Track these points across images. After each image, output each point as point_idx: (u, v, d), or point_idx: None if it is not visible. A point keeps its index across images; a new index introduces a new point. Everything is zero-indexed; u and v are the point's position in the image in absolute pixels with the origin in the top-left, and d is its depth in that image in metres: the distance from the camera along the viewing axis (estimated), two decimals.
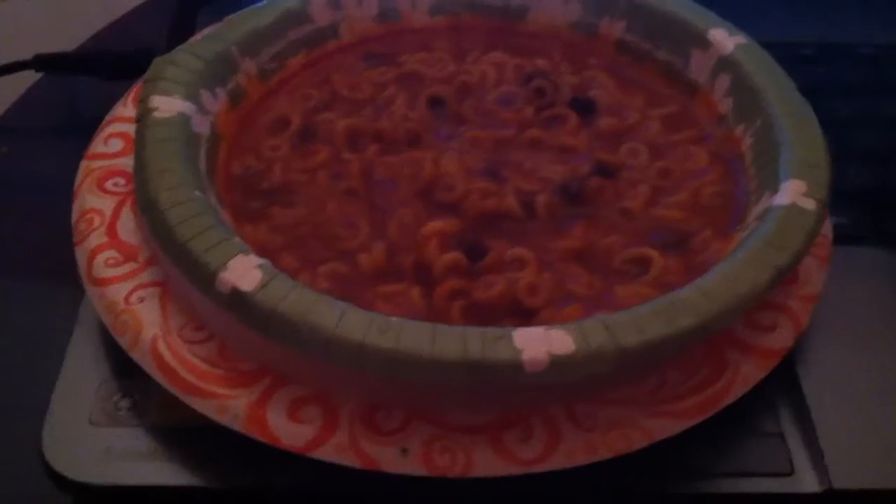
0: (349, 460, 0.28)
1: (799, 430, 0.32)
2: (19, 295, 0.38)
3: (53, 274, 0.36)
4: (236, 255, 0.29)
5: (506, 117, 0.37)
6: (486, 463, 0.28)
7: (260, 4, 0.39)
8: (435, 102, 0.37)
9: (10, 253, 0.39)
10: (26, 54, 0.45)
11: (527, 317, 0.31)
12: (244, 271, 0.29)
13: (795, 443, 0.31)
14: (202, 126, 0.35)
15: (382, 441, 0.28)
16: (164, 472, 0.30)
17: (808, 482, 0.31)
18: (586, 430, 0.29)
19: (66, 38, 0.47)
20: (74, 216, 0.34)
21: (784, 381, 0.33)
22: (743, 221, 0.33)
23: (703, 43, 0.37)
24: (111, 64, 0.44)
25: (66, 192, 0.35)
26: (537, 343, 0.27)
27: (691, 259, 0.32)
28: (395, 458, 0.28)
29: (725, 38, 0.37)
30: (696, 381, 0.30)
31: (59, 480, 0.30)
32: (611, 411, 0.29)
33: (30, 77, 0.46)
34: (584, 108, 0.37)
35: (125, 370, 0.32)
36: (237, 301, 0.29)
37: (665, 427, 0.29)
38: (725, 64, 0.36)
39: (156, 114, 0.34)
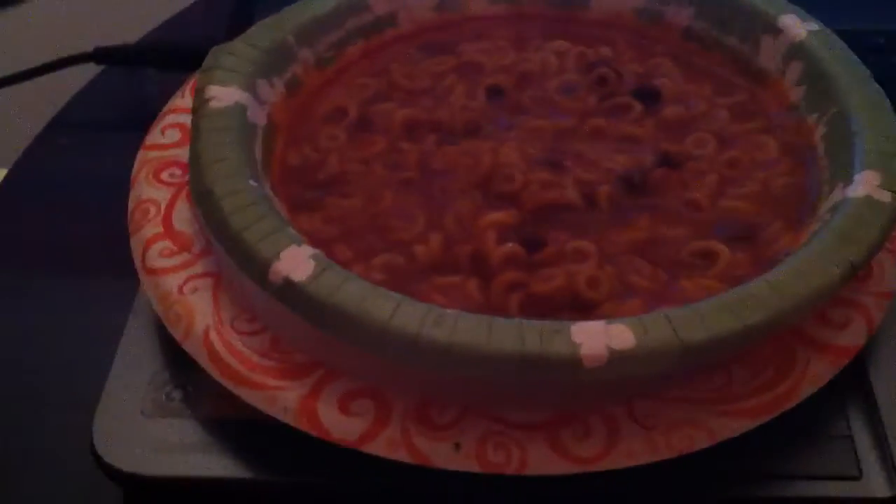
0: (400, 455, 0.28)
1: (869, 433, 0.30)
2: (75, 285, 0.38)
3: (109, 264, 0.35)
4: (289, 245, 0.29)
5: (567, 106, 0.36)
6: (542, 460, 0.28)
7: None
8: (494, 92, 0.37)
9: (68, 243, 0.40)
10: (87, 47, 0.45)
11: (587, 311, 0.30)
12: (297, 262, 0.28)
13: (864, 445, 0.30)
14: (258, 116, 0.34)
15: (435, 436, 0.28)
16: (214, 464, 0.30)
17: (877, 486, 0.29)
18: (647, 428, 0.28)
19: (127, 30, 0.47)
20: (130, 206, 0.34)
21: (854, 381, 0.31)
22: (814, 213, 0.31)
23: (774, 29, 0.36)
24: (170, 56, 0.44)
25: (124, 183, 0.35)
26: (597, 337, 0.27)
27: (760, 252, 0.31)
28: (448, 453, 0.28)
29: (797, 25, 0.35)
30: (763, 380, 0.29)
31: (110, 472, 0.30)
32: (673, 410, 0.28)
33: (91, 69, 0.46)
34: (649, 96, 0.36)
35: (178, 361, 0.31)
36: (289, 292, 0.28)
37: (729, 427, 0.28)
38: (797, 51, 0.35)
39: (212, 103, 0.33)
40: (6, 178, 0.43)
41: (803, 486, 0.29)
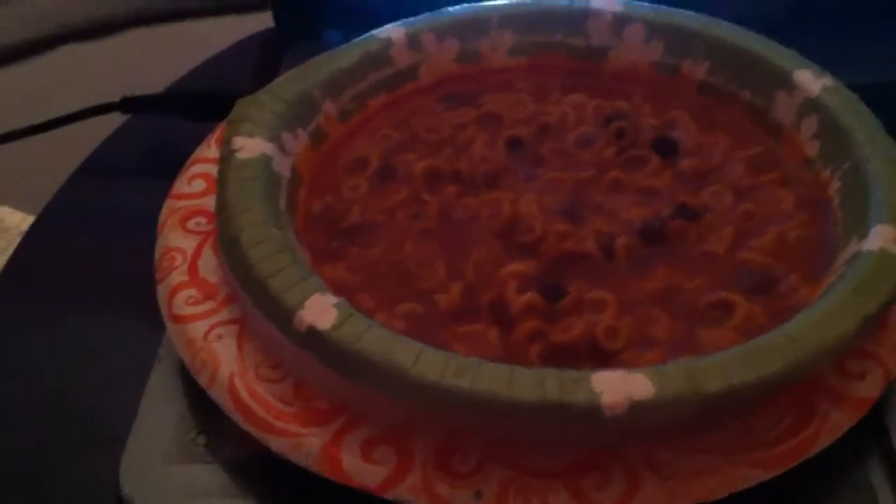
0: (422, 502, 0.28)
1: (889, 482, 0.31)
2: (102, 328, 0.38)
3: (136, 308, 0.36)
4: (313, 293, 0.30)
5: (585, 159, 0.37)
6: None
7: (342, 47, 0.39)
8: (514, 143, 0.37)
9: (95, 289, 0.40)
10: (114, 96, 0.46)
11: (606, 360, 0.30)
12: (321, 310, 0.29)
13: (885, 495, 0.30)
14: (283, 166, 0.35)
15: (456, 483, 0.28)
16: None
17: None
18: (665, 477, 0.28)
19: (153, 80, 0.48)
20: (157, 254, 0.35)
21: (873, 431, 0.31)
22: (830, 266, 0.32)
23: (789, 84, 0.36)
24: (196, 105, 0.45)
25: (150, 229, 0.36)
26: (616, 386, 0.27)
27: (777, 304, 0.32)
28: (469, 501, 0.28)
29: (811, 80, 0.36)
30: (782, 429, 0.29)
31: None
32: (692, 458, 0.29)
33: (117, 118, 0.47)
34: (667, 149, 0.37)
35: (203, 407, 0.32)
36: (313, 339, 0.29)
37: (748, 476, 0.28)
38: (812, 106, 0.36)
39: (238, 154, 0.34)
40: (35, 223, 0.44)
41: None
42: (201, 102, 0.45)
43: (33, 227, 0.44)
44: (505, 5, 0.40)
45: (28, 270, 0.42)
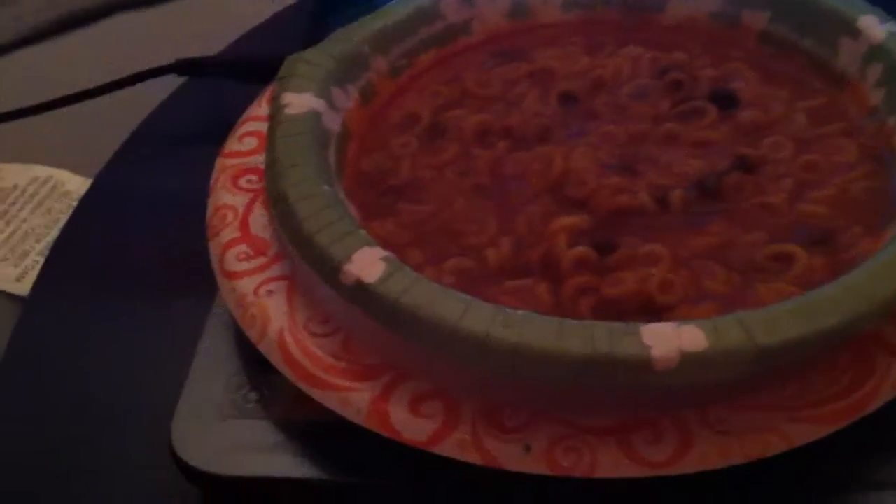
0: (470, 457, 0.28)
1: None
2: (155, 292, 0.39)
3: (189, 271, 0.36)
4: (361, 247, 0.29)
5: (640, 111, 0.36)
6: (613, 463, 0.27)
7: (392, 3, 0.39)
8: (567, 98, 0.37)
9: (151, 249, 0.41)
10: (169, 59, 0.46)
11: (659, 315, 0.30)
12: (368, 263, 0.29)
13: None
14: (333, 122, 0.35)
15: (505, 438, 0.28)
16: (290, 465, 0.30)
17: None
18: (720, 433, 0.28)
19: (207, 46, 0.48)
20: (209, 212, 0.35)
21: None
22: (893, 218, 0.30)
23: (853, 31, 0.35)
24: (249, 67, 0.45)
25: (204, 192, 0.36)
26: (668, 339, 0.26)
27: (838, 257, 0.30)
28: (517, 455, 0.27)
29: (876, 26, 0.35)
30: (841, 385, 0.28)
31: (188, 471, 0.31)
32: (747, 415, 0.28)
33: (173, 81, 0.47)
34: (725, 101, 0.36)
35: (254, 363, 0.32)
36: (361, 293, 0.29)
37: (805, 432, 0.28)
38: (877, 53, 0.34)
39: (287, 110, 0.34)
40: (91, 187, 0.44)
41: (882, 497, 0.29)
42: (255, 64, 0.45)
43: (89, 191, 0.44)
44: None
45: (83, 236, 0.42)
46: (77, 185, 0.46)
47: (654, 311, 0.30)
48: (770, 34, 0.37)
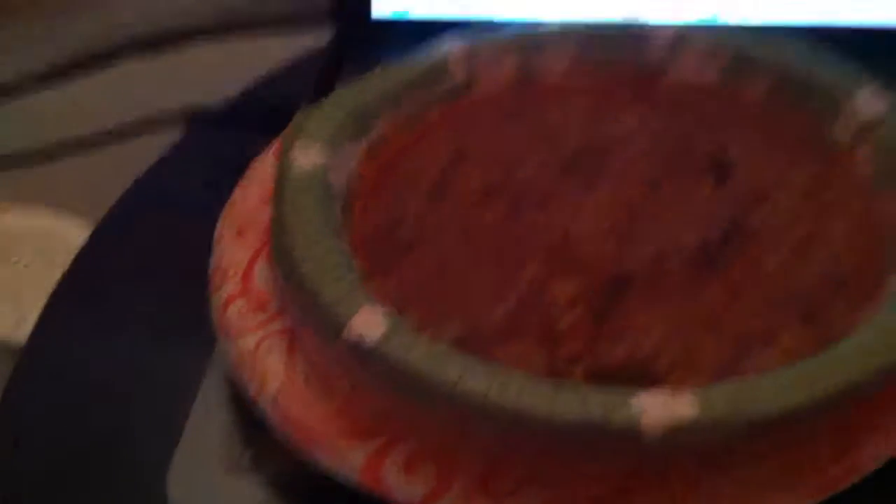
0: None
1: None
2: (155, 341, 0.39)
3: (189, 322, 0.36)
4: (363, 305, 0.30)
5: (639, 177, 0.36)
6: None
7: (402, 60, 0.40)
8: (568, 161, 0.37)
9: (150, 300, 0.41)
10: (176, 107, 0.47)
11: (652, 382, 0.30)
12: (370, 322, 0.29)
13: None
14: (339, 178, 0.35)
15: (497, 502, 0.28)
16: None
17: None
18: (710, 501, 0.28)
19: (214, 94, 0.48)
20: (212, 265, 0.35)
21: None
22: (881, 293, 0.31)
23: (848, 105, 0.36)
24: (257, 118, 0.46)
25: (208, 243, 0.36)
26: (658, 407, 0.27)
27: (827, 330, 0.31)
28: None
29: (871, 100, 0.35)
30: (832, 451, 0.29)
31: None
32: (738, 484, 0.28)
33: (179, 129, 0.48)
34: (721, 169, 0.36)
35: (251, 419, 0.32)
36: (362, 351, 0.29)
37: (798, 501, 0.28)
38: (871, 127, 0.35)
39: (295, 165, 0.34)
40: (92, 235, 0.45)
41: None
42: (261, 115, 0.46)
43: (90, 239, 0.44)
44: (563, 24, 0.40)
45: (83, 282, 0.42)
46: (78, 232, 0.46)
47: (647, 379, 0.30)
48: (767, 103, 0.38)
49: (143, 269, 0.42)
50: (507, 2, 0.49)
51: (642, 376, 0.30)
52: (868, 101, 0.35)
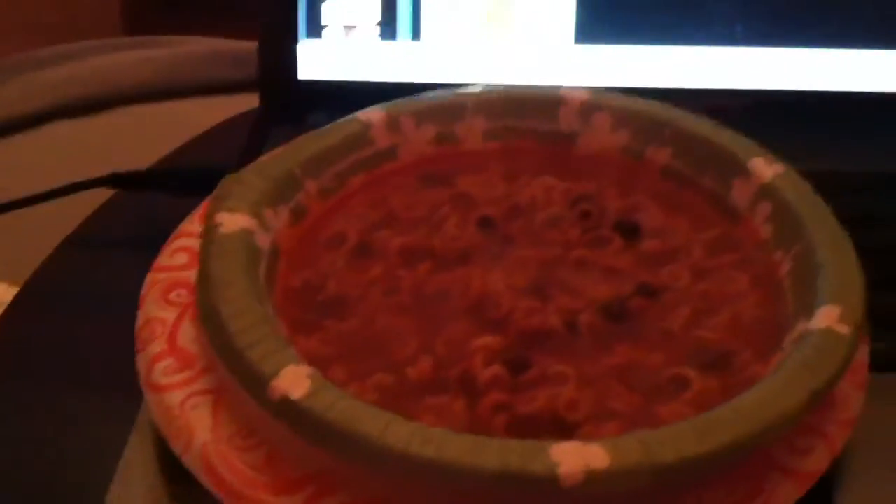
0: None
1: None
2: (80, 399, 0.39)
3: (115, 379, 0.37)
4: (288, 364, 0.31)
5: (552, 238, 0.38)
6: None
7: (325, 127, 0.41)
8: (485, 223, 0.39)
9: (77, 358, 0.41)
10: (104, 168, 0.47)
11: (568, 432, 0.32)
12: (295, 380, 0.30)
13: None
14: (264, 241, 0.36)
15: None
16: None
17: None
18: None
19: (141, 156, 0.49)
20: (138, 324, 0.36)
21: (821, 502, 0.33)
22: (781, 344, 0.33)
23: (744, 171, 0.38)
24: (183, 182, 0.47)
25: (133, 302, 0.37)
26: (574, 457, 0.28)
27: (731, 380, 0.33)
28: None
29: (765, 167, 0.38)
30: (733, 500, 0.30)
31: None
32: None
33: (105, 193, 0.48)
34: (629, 230, 0.38)
35: (178, 476, 0.33)
36: (286, 409, 0.30)
37: None
38: (765, 192, 0.38)
39: (221, 229, 0.35)
40: (19, 292, 0.45)
41: None
42: (188, 179, 0.47)
43: (18, 296, 0.45)
44: (479, 92, 0.42)
45: (10, 343, 0.42)
46: (3, 291, 0.46)
47: (563, 428, 0.32)
48: (672, 169, 0.40)
49: (69, 330, 0.43)
50: (428, 67, 0.51)
51: (560, 426, 0.31)
52: (761, 167, 0.38)
